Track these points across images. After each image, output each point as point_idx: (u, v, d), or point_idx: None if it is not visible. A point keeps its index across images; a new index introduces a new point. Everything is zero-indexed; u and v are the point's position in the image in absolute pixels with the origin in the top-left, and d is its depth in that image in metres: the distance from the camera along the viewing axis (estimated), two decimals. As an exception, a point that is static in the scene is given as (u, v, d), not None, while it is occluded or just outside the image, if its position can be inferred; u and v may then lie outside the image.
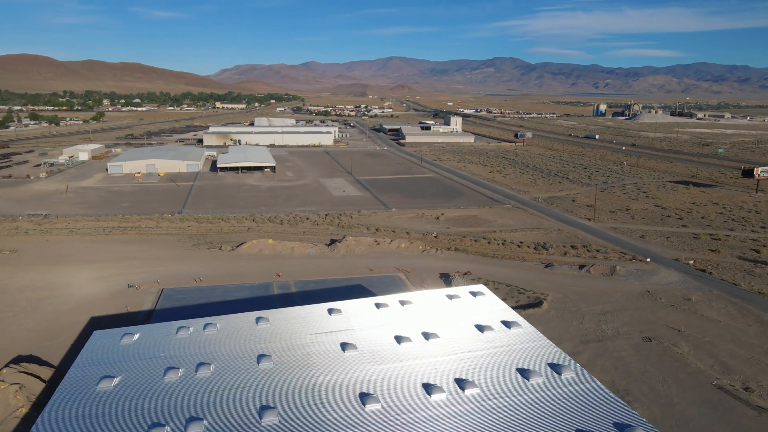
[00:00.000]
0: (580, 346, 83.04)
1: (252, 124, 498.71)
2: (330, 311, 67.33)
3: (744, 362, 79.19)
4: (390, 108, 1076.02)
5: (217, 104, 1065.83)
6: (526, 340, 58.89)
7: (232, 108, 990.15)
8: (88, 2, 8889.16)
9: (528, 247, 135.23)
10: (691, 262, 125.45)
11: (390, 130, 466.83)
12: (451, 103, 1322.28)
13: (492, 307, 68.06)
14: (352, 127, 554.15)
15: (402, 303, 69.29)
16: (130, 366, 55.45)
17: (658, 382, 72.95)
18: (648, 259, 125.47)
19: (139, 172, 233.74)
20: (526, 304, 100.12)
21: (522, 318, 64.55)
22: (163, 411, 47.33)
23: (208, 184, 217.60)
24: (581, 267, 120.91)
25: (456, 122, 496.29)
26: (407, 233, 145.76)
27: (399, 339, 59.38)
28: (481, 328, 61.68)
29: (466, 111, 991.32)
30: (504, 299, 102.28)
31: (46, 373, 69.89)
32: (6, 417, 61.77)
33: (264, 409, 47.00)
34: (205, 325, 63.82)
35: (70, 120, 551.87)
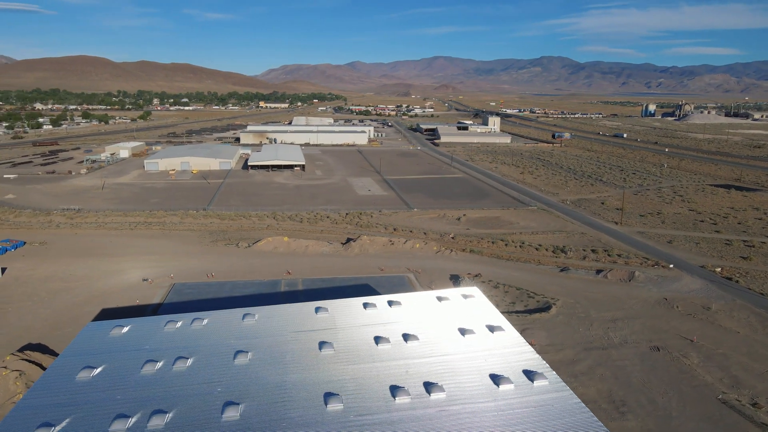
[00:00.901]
0: (582, 354, 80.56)
1: (290, 123, 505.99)
2: (317, 310, 67.48)
3: (756, 377, 75.06)
4: (431, 108, 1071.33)
5: (261, 104, 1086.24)
6: (507, 346, 57.45)
7: (275, 107, 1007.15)
8: (144, 5, 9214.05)
9: (546, 250, 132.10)
10: (718, 269, 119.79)
11: (426, 130, 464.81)
12: (493, 103, 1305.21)
13: (480, 310, 66.71)
14: (390, 126, 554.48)
15: (390, 304, 68.79)
16: (112, 357, 57.02)
17: (659, 394, 69.99)
18: (671, 266, 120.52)
19: (173, 170, 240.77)
20: (534, 309, 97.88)
21: (508, 323, 63.00)
22: (132, 402, 48.44)
23: (237, 181, 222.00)
24: (598, 272, 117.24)
25: (494, 122, 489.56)
26: (424, 233, 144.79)
27: (378, 340, 58.96)
28: (463, 331, 60.57)
29: (508, 111, 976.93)
30: (512, 303, 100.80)
31: (48, 361, 72.82)
32: (4, 402, 64.76)
33: (228, 404, 47.45)
34: (193, 320, 65.04)
35: (119, 119, 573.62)
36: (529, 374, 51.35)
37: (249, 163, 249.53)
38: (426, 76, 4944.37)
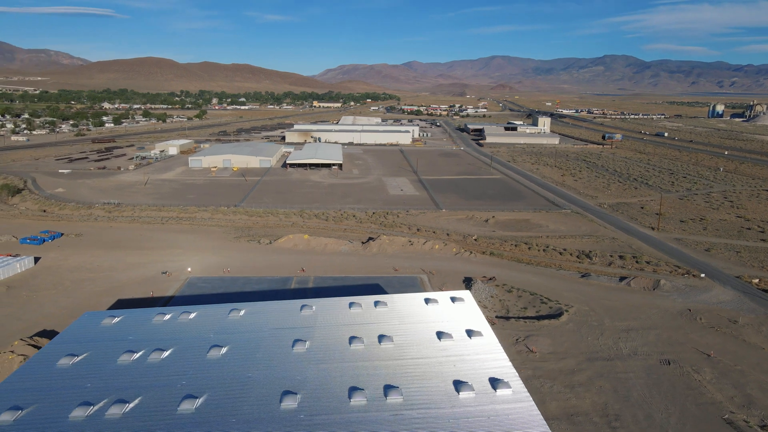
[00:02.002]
0: (585, 364, 77.20)
1: (337, 123, 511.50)
2: (302, 308, 67.75)
3: (772, 397, 69.70)
4: (485, 108, 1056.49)
5: (315, 103, 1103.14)
6: (481, 352, 55.74)
7: (327, 107, 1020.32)
8: (208, 8, 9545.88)
9: (571, 255, 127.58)
10: (756, 280, 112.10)
11: (473, 130, 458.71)
12: (549, 103, 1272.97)
13: (465, 314, 65.07)
14: (438, 126, 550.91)
15: (376, 304, 68.20)
16: (96, 346, 59.15)
17: (658, 410, 66.13)
18: (702, 275, 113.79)
19: (215, 167, 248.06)
20: (544, 315, 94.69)
21: (489, 329, 61.11)
22: (99, 391, 50.04)
23: (274, 179, 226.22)
24: (622, 279, 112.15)
25: (544, 123, 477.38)
26: (447, 234, 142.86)
27: (352, 340, 58.54)
28: (440, 335, 59.25)
29: (564, 111, 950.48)
30: (524, 308, 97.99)
31: (54, 347, 76.35)
32: (6, 383, 68.31)
33: (187, 397, 48.27)
34: (181, 314, 66.62)
35: (176, 117, 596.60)
36: (494, 382, 49.60)
37: (287, 162, 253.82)
38: (483, 75, 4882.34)
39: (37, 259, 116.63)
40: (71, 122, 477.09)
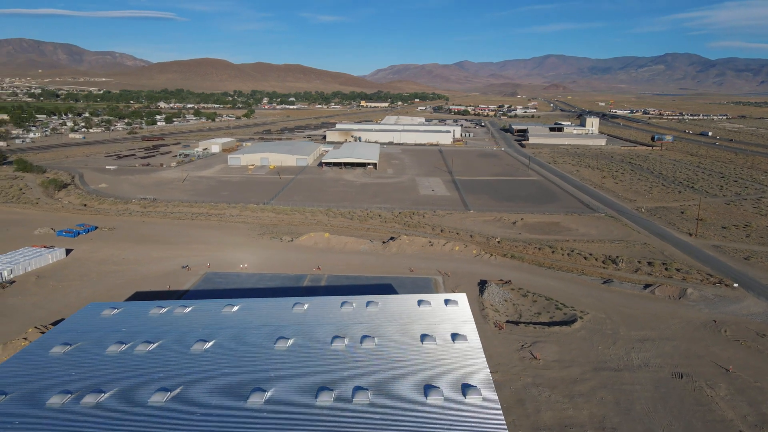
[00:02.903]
0: (590, 373, 74.16)
1: (380, 122, 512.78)
2: (294, 305, 68.00)
3: (790, 417, 64.90)
4: (535, 108, 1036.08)
5: (362, 103, 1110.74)
6: (460, 357, 54.35)
7: (375, 106, 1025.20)
8: (263, 10, 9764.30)
9: (596, 260, 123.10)
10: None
11: (517, 131, 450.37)
12: (603, 104, 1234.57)
13: (454, 318, 63.69)
14: (482, 126, 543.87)
15: (367, 304, 67.71)
16: (90, 336, 61.17)
17: (660, 426, 62.77)
18: (735, 284, 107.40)
19: (252, 165, 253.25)
20: (557, 321, 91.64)
21: (475, 333, 59.56)
22: (81, 380, 51.67)
23: (307, 177, 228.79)
24: (646, 287, 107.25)
25: (592, 123, 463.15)
26: (470, 236, 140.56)
27: (335, 339, 58.27)
28: (424, 337, 58.18)
29: (618, 112, 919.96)
30: (537, 314, 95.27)
31: (65, 335, 79.57)
32: (16, 368, 71.63)
33: (160, 390, 49.20)
34: (177, 307, 68.09)
35: (226, 116, 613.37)
36: (466, 388, 48.21)
37: (322, 161, 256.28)
38: (536, 75, 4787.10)
39: (69, 251, 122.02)
40: (126, 121, 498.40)
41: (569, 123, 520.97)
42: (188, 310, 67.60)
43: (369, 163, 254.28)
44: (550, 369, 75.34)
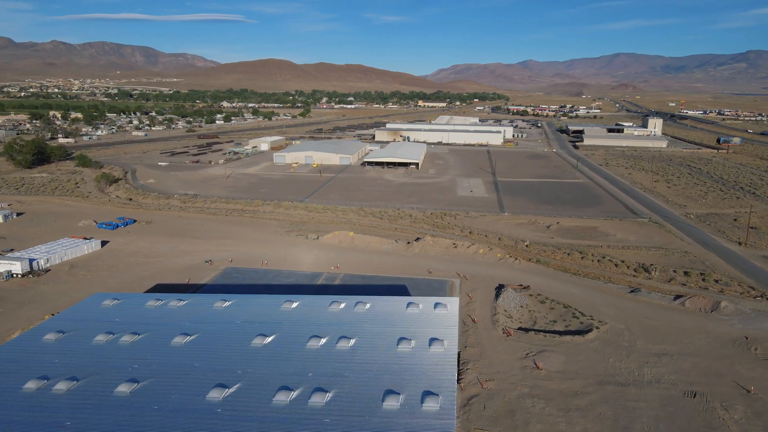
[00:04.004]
0: (592, 387, 70.28)
1: (432, 122, 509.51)
2: (283, 303, 68.23)
3: (809, 448, 59.04)
4: (599, 108, 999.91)
5: (420, 102, 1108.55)
6: (431, 363, 52.73)
7: (432, 106, 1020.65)
8: (328, 11, 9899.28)
9: (628, 267, 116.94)
10: None
11: (573, 132, 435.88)
12: (673, 104, 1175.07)
13: (438, 322, 61.95)
14: (538, 127, 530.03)
15: (356, 305, 67.02)
16: (84, 325, 63.62)
17: (658, 447, 58.59)
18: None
19: (296, 163, 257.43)
20: (571, 330, 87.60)
21: (455, 339, 57.70)
22: (61, 367, 53.77)
23: (348, 176, 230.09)
24: (677, 298, 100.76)
25: (654, 125, 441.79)
26: (499, 239, 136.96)
27: (312, 339, 57.96)
28: (401, 341, 56.96)
29: (689, 112, 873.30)
30: (552, 321, 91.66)
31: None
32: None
33: (128, 381, 50.50)
34: (172, 300, 69.79)
35: (282, 116, 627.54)
36: (425, 396, 46.68)
37: (365, 160, 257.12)
38: (604, 74, 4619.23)
39: (105, 243, 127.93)
40: (187, 119, 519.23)
41: (631, 124, 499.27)
42: (182, 303, 69.14)
43: (411, 163, 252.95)
44: (551, 380, 71.97)
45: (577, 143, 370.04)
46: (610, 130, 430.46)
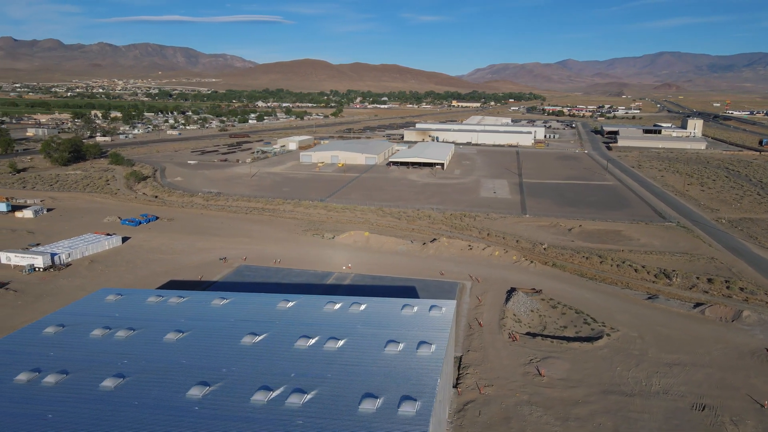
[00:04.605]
0: (595, 396, 68.02)
1: (463, 122, 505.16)
2: (279, 302, 68.29)
3: (821, 469, 55.64)
4: (638, 109, 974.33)
5: (454, 102, 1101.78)
6: (416, 366, 51.73)
7: (466, 106, 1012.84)
8: (365, 11, 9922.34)
9: (648, 273, 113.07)
10: None
11: (607, 133, 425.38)
12: (717, 104, 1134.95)
13: (430, 325, 60.86)
14: (573, 128, 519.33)
15: (351, 305, 66.57)
16: (84, 319, 64.91)
17: (657, 462, 56.21)
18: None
19: (321, 162, 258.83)
20: (579, 337, 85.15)
21: (443, 343, 56.41)
22: (55, 360, 54.87)
23: (371, 176, 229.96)
24: (697, 305, 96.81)
25: (694, 125, 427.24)
26: (516, 241, 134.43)
27: (301, 339, 57.69)
28: (389, 343, 56.13)
29: (733, 113, 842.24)
30: (563, 327, 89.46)
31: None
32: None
33: (115, 376, 51.12)
34: (172, 297, 70.67)
35: (315, 115, 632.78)
36: (403, 400, 45.79)
37: (390, 160, 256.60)
38: (646, 74, 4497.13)
39: (126, 239, 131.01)
40: (221, 119, 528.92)
41: (670, 125, 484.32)
42: (181, 300, 69.92)
43: (436, 163, 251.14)
44: (552, 387, 69.99)
45: (610, 144, 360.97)
46: (646, 131, 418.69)
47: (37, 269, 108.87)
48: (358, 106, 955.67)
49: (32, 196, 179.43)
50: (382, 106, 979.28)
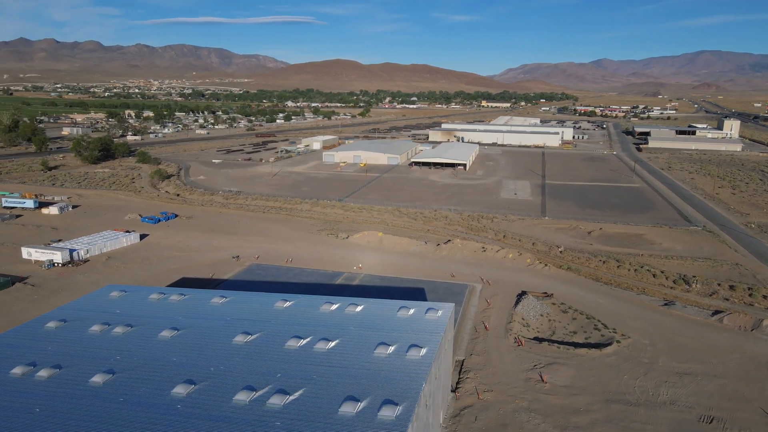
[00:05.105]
0: (598, 405, 66.05)
1: (490, 123, 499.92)
2: (277, 301, 68.33)
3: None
4: (674, 109, 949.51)
5: (483, 103, 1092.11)
6: (404, 369, 50.95)
7: (496, 107, 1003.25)
8: (396, 11, 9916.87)
9: (666, 278, 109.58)
10: None
11: (639, 134, 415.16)
12: (759, 104, 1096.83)
13: (424, 328, 59.93)
14: (603, 128, 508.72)
15: (347, 306, 66.12)
16: (86, 315, 66.00)
17: (656, 475, 54.17)
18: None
19: (344, 162, 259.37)
20: (587, 343, 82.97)
21: (436, 347, 55.41)
22: (52, 354, 55.82)
23: (392, 176, 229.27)
24: (715, 313, 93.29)
25: (731, 126, 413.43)
26: (532, 244, 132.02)
27: (292, 339, 57.53)
28: (379, 345, 55.47)
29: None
30: (572, 333, 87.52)
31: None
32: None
33: (105, 372, 51.71)
34: (173, 295, 71.38)
35: (342, 115, 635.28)
36: (384, 404, 45.07)
37: (412, 160, 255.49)
38: (685, 73, 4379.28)
39: (144, 236, 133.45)
40: (249, 118, 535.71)
41: (705, 126, 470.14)
42: (181, 298, 70.54)
43: (458, 164, 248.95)
44: (554, 394, 68.26)
45: (641, 145, 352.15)
46: (679, 132, 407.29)
47: (56, 264, 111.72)
48: (386, 106, 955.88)
49: (60, 193, 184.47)
50: (411, 106, 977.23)
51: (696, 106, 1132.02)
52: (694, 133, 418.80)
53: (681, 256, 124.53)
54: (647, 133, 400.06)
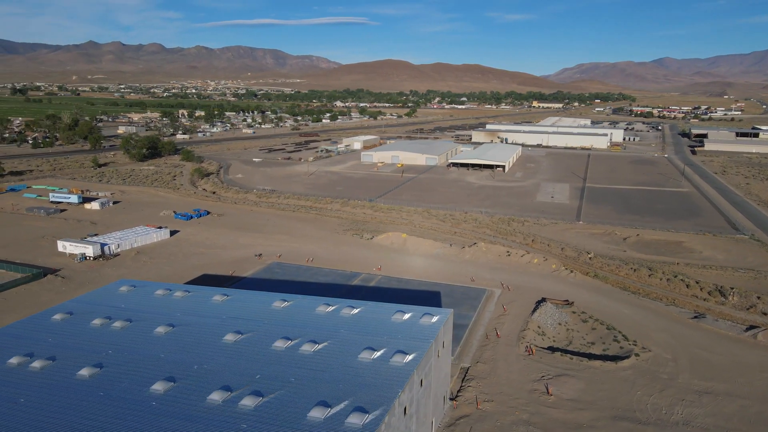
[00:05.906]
0: (604, 421, 62.71)
1: (538, 124, 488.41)
2: (275, 302, 68.27)
3: None
4: (740, 110, 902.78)
5: (534, 103, 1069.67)
6: (383, 375, 49.62)
7: (547, 107, 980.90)
8: (450, 11, 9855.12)
9: (701, 289, 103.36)
10: None
11: (695, 136, 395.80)
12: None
13: (415, 333, 58.30)
14: (658, 130, 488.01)
15: (343, 309, 65.29)
16: (92, 308, 67.84)
17: (654, 501, 50.75)
18: None
19: (381, 162, 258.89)
20: (603, 355, 79.11)
21: (423, 354, 53.76)
22: (50, 346, 57.46)
23: (428, 177, 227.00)
24: (749, 328, 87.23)
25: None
26: (561, 249, 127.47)
27: (279, 340, 57.17)
28: (365, 350, 54.36)
29: None
30: (590, 344, 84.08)
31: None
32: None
33: (92, 365, 52.84)
34: (177, 291, 72.49)
35: (389, 115, 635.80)
36: (355, 410, 43.93)
37: (450, 161, 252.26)
38: (755, 72, 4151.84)
39: (174, 232, 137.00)
40: (295, 118, 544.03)
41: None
42: (185, 295, 71.45)
43: (497, 165, 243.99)
44: (558, 408, 65.26)
45: (696, 148, 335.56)
46: (740, 134, 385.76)
47: (87, 258, 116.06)
48: (435, 107, 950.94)
49: (105, 189, 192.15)
50: (460, 107, 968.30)
51: (765, 106, 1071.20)
52: (756, 135, 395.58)
53: (721, 265, 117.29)
54: (704, 135, 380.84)
